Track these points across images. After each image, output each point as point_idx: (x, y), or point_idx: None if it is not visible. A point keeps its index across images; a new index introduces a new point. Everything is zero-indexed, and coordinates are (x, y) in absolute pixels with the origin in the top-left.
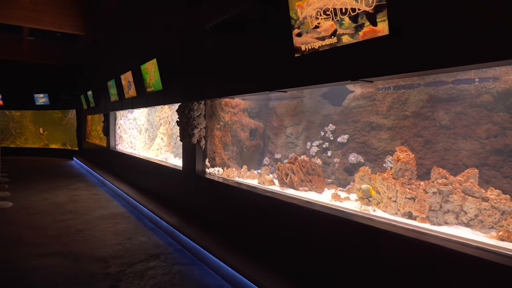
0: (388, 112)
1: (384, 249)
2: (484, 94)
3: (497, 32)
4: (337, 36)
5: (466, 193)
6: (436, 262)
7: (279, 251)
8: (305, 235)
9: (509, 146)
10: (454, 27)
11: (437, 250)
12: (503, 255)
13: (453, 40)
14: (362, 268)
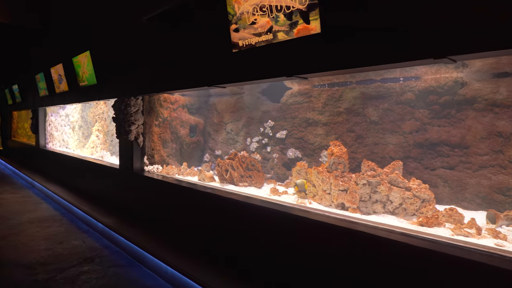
0: (324, 108)
1: (319, 239)
2: (407, 92)
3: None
4: (273, 32)
5: (392, 183)
6: (365, 249)
7: (221, 247)
8: (246, 230)
9: (429, 140)
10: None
11: (366, 237)
12: (422, 238)
13: (379, 40)
14: (301, 258)
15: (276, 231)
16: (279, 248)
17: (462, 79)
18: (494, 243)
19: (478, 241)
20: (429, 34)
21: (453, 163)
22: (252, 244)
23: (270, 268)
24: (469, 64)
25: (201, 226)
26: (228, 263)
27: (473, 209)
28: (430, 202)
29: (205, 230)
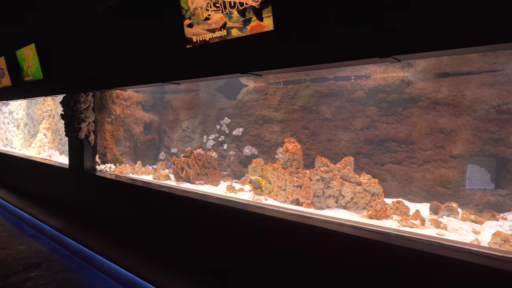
0: (279, 106)
1: (274, 234)
2: (358, 90)
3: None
4: (227, 29)
5: (344, 179)
6: (318, 242)
7: (177, 245)
8: (202, 228)
9: (378, 136)
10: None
11: (319, 231)
12: (371, 231)
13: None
14: (257, 253)
15: (232, 228)
16: (235, 244)
17: (408, 78)
18: (436, 233)
19: (422, 231)
20: (375, 34)
21: (400, 158)
22: (209, 241)
23: (227, 264)
24: (414, 64)
25: (156, 225)
26: (183, 261)
27: (418, 202)
28: (379, 195)
29: (160, 229)
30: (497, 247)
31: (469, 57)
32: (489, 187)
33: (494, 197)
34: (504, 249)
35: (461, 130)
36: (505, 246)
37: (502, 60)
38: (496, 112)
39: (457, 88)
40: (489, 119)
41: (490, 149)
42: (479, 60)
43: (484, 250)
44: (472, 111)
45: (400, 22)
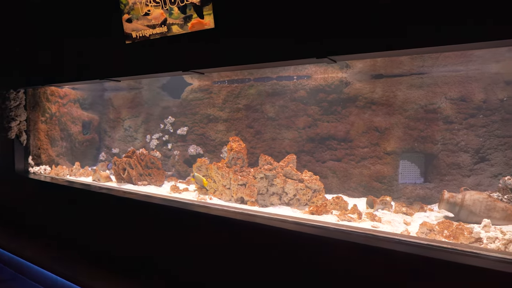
0: (224, 105)
1: (220, 233)
2: (300, 90)
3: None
4: (167, 25)
5: (287, 176)
6: (263, 239)
7: (119, 249)
8: (146, 229)
9: (319, 135)
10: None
11: (263, 228)
12: (312, 226)
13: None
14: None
15: (177, 228)
16: (181, 244)
17: (346, 79)
18: (371, 225)
19: (359, 224)
20: (313, 35)
21: (340, 156)
22: (153, 243)
23: (171, 266)
24: (351, 65)
25: (96, 229)
26: (126, 265)
27: (357, 197)
28: (320, 192)
29: (101, 233)
30: (424, 236)
31: (400, 60)
32: (419, 181)
33: (423, 190)
34: (429, 237)
35: (394, 128)
36: (430, 235)
37: (428, 63)
38: (424, 112)
39: (390, 89)
40: (418, 118)
41: (419, 146)
42: (409, 63)
43: (412, 240)
44: (403, 110)
45: (336, 25)
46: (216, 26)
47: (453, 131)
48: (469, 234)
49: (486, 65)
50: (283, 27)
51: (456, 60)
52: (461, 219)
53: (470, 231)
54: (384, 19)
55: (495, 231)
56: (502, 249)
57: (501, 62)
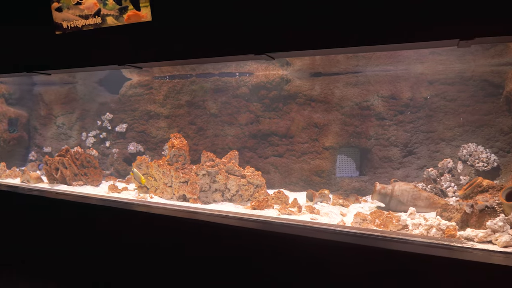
0: (165, 101)
1: (162, 231)
2: (242, 87)
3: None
4: (102, 16)
5: (229, 172)
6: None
7: (47, 257)
8: (82, 231)
9: (261, 131)
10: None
11: (207, 225)
12: (254, 220)
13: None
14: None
15: (115, 228)
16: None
17: (287, 76)
18: (310, 218)
19: (299, 217)
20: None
21: (281, 151)
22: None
23: (110, 271)
24: (292, 63)
25: (24, 235)
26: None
27: (298, 191)
28: (262, 187)
29: (30, 239)
30: (357, 225)
31: (337, 58)
32: (355, 174)
33: (358, 183)
34: (363, 226)
35: (331, 125)
36: (364, 224)
37: (362, 63)
38: (359, 108)
39: (328, 86)
40: (353, 114)
41: (355, 141)
42: (345, 62)
43: (346, 229)
44: (340, 107)
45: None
46: (153, 19)
47: (385, 127)
48: (397, 222)
49: (412, 66)
50: (222, 22)
51: (387, 60)
52: (391, 208)
53: (398, 219)
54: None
55: (419, 218)
56: (424, 233)
57: (425, 63)
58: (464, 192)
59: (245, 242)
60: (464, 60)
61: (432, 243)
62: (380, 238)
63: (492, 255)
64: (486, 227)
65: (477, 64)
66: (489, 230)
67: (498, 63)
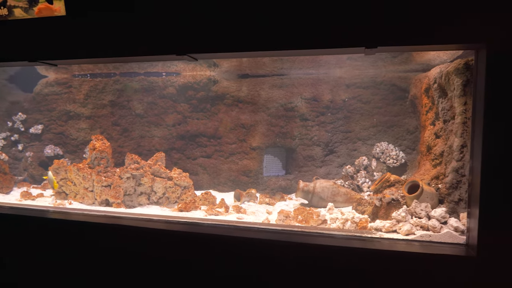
0: (86, 100)
1: (80, 239)
2: (169, 87)
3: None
4: (8, 7)
5: (155, 175)
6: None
7: None
8: None
9: (189, 132)
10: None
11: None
12: (179, 223)
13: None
14: (63, 265)
15: (29, 240)
16: (34, 257)
17: (214, 77)
18: (237, 217)
19: (225, 217)
20: (173, 33)
21: (210, 152)
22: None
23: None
24: (219, 64)
25: None
26: None
27: (226, 191)
28: (189, 188)
29: None
30: (281, 222)
31: (263, 61)
32: (281, 173)
33: (284, 182)
34: (286, 223)
35: (258, 125)
36: (287, 220)
37: (287, 66)
38: (284, 110)
39: (254, 88)
40: (279, 115)
41: (280, 141)
42: (270, 64)
43: (270, 227)
44: (266, 108)
45: (195, 24)
46: (68, 14)
47: (308, 127)
48: (317, 217)
49: (332, 70)
50: (143, 21)
51: (309, 64)
52: (313, 204)
53: (318, 214)
54: (240, 22)
55: (336, 212)
56: (341, 227)
57: (344, 67)
58: (375, 187)
59: (171, 244)
60: (376, 66)
61: (346, 236)
62: (301, 233)
63: (397, 243)
64: (391, 218)
65: (387, 70)
66: (394, 221)
67: (404, 70)
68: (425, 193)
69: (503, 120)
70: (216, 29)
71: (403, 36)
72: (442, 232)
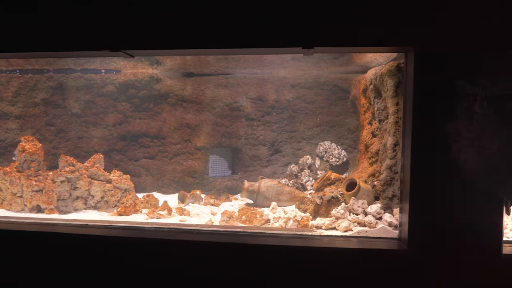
0: (15, 98)
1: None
2: (109, 85)
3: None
4: None
5: (93, 177)
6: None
7: None
8: None
9: (131, 132)
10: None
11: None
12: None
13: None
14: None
15: None
16: None
17: (157, 75)
18: (179, 220)
19: (168, 220)
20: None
21: (153, 153)
22: None
23: None
24: (162, 62)
25: None
26: None
27: (171, 193)
28: (130, 191)
29: None
30: (224, 223)
31: (207, 60)
32: (227, 173)
33: (230, 182)
34: (229, 224)
35: (203, 125)
36: (230, 221)
37: (232, 65)
38: (229, 109)
39: (199, 87)
40: (224, 115)
41: (226, 141)
42: (215, 63)
43: (212, 229)
44: (211, 108)
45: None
46: None
47: (254, 127)
48: (261, 217)
49: (276, 70)
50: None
51: (254, 64)
52: (258, 204)
53: (262, 214)
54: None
55: (280, 211)
56: (283, 226)
57: (288, 68)
58: (317, 186)
59: (108, 250)
60: (319, 67)
61: (287, 234)
62: (242, 234)
63: (335, 239)
64: (331, 215)
65: (329, 71)
66: (333, 218)
67: (345, 71)
68: (362, 191)
69: (430, 119)
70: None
71: (338, 38)
72: (377, 228)
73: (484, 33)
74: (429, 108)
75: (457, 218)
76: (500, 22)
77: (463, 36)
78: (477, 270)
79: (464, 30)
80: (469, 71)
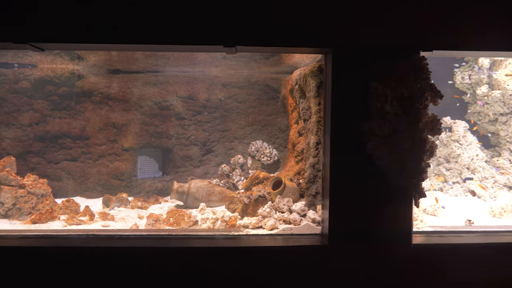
0: None
1: None
2: (23, 81)
3: None
4: None
5: (2, 183)
6: None
7: None
8: None
9: (50, 132)
10: None
11: None
12: (29, 237)
13: None
14: None
15: None
16: None
17: (79, 71)
18: (102, 225)
19: (89, 226)
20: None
21: (75, 155)
22: None
23: None
24: (85, 57)
25: None
26: None
27: (96, 197)
28: (47, 197)
29: None
30: (150, 227)
31: (135, 56)
32: (158, 175)
33: (161, 183)
34: (155, 227)
35: (131, 125)
36: (156, 224)
37: (161, 62)
38: (158, 108)
39: (126, 85)
40: (153, 114)
41: (156, 141)
42: (144, 60)
43: (136, 233)
44: (139, 107)
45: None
46: None
47: (184, 127)
48: (189, 219)
49: (208, 69)
50: None
51: (185, 62)
52: (189, 205)
53: (190, 215)
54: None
55: (208, 212)
56: (211, 226)
57: (219, 67)
58: (246, 185)
59: (19, 261)
60: (250, 67)
61: (215, 235)
62: (167, 237)
63: (262, 238)
64: (258, 214)
65: (261, 71)
66: (260, 217)
67: (276, 71)
68: (288, 189)
69: (347, 119)
70: (62, 17)
71: (260, 38)
72: (302, 224)
73: (397, 37)
74: (345, 108)
75: (372, 212)
76: (412, 27)
77: (379, 39)
78: (391, 259)
79: (378, 34)
80: (382, 72)
